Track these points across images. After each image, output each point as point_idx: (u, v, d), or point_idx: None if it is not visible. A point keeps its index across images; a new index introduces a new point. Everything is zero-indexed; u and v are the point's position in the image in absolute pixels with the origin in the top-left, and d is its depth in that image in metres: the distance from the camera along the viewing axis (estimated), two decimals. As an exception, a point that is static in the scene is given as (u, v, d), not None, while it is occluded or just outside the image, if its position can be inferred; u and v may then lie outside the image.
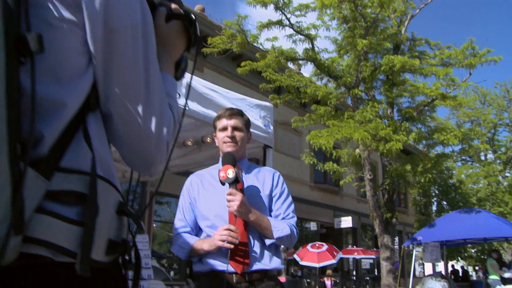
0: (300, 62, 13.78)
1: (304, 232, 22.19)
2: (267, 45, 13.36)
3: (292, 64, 14.34)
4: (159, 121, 1.00)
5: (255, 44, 13.32)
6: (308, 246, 17.66)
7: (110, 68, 0.94)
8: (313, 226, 22.49)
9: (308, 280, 19.41)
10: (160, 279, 5.09)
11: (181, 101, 3.42)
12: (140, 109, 0.97)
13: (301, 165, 20.20)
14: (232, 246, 2.23)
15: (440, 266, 21.10)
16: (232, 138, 2.49)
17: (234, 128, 2.51)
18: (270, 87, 13.58)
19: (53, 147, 0.85)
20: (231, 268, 2.29)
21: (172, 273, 15.87)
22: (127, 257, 0.96)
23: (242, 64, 13.27)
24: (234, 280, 2.29)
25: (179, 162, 5.21)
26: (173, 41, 1.20)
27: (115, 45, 0.93)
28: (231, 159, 2.36)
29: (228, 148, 2.48)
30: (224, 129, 2.52)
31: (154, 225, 15.62)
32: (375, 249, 22.30)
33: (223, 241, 2.23)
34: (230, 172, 2.28)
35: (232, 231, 2.25)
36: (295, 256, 17.57)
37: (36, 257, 0.81)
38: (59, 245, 0.81)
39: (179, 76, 1.32)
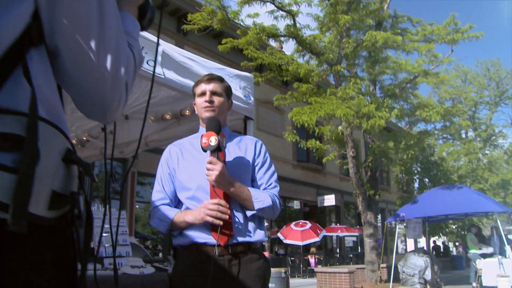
0: (282, 39, 13.59)
1: (288, 210, 22.25)
2: (248, 22, 13.13)
3: (274, 41, 14.16)
4: (116, 58, 0.86)
5: (236, 21, 13.09)
6: (292, 225, 17.74)
7: None
8: (296, 204, 22.57)
9: (292, 258, 19.53)
10: (139, 256, 4.98)
11: (157, 70, 3.27)
12: (93, 44, 0.83)
13: (283, 144, 20.17)
14: (221, 223, 2.12)
15: (422, 242, 21.40)
16: (210, 102, 2.35)
17: (213, 93, 2.38)
18: (251, 65, 13.42)
19: None
20: (213, 241, 2.17)
21: (160, 254, 15.79)
22: (77, 213, 0.82)
23: (223, 41, 13.07)
24: (217, 253, 2.18)
25: (158, 136, 5.08)
26: None
27: None
28: (216, 125, 2.23)
29: (207, 113, 2.35)
30: (203, 94, 2.39)
31: (137, 206, 15.48)
32: (358, 226, 22.51)
33: (212, 216, 2.12)
34: (213, 139, 2.16)
35: (222, 205, 2.14)
36: (279, 234, 17.66)
37: None
38: None
39: (145, 26, 1.20)
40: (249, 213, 2.28)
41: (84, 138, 5.59)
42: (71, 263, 0.81)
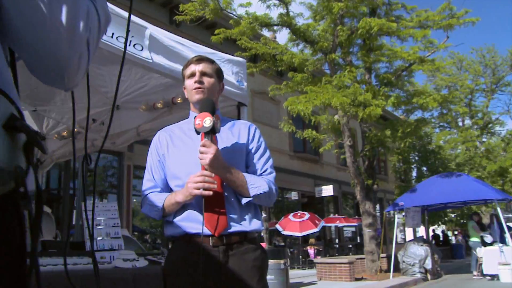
0: (275, 28, 13.42)
1: (285, 202, 22.17)
2: (241, 11, 12.98)
3: (267, 31, 14.00)
4: (73, 11, 0.72)
5: (228, 11, 12.92)
6: (290, 216, 17.65)
7: None
8: (294, 195, 22.45)
9: (291, 250, 19.45)
10: (132, 249, 4.85)
11: (145, 54, 3.12)
12: None
13: (280, 135, 20.07)
14: (211, 193, 1.98)
15: (421, 231, 21.38)
16: (200, 83, 2.21)
17: (203, 74, 2.25)
18: (245, 55, 13.23)
19: None
20: (206, 231, 2.03)
21: (161, 248, 15.67)
22: (22, 192, 0.67)
23: (216, 32, 12.91)
24: (211, 244, 2.04)
25: (150, 126, 4.95)
26: None
27: None
28: (210, 106, 2.10)
29: (197, 95, 2.21)
30: (192, 75, 2.26)
31: (134, 200, 15.31)
32: (357, 217, 22.45)
33: (199, 188, 1.97)
34: (207, 121, 2.02)
35: (207, 176, 1.99)
36: (277, 226, 17.57)
37: None
38: None
39: None
40: (244, 201, 2.14)
41: (76, 130, 5.45)
42: (16, 253, 0.67)
